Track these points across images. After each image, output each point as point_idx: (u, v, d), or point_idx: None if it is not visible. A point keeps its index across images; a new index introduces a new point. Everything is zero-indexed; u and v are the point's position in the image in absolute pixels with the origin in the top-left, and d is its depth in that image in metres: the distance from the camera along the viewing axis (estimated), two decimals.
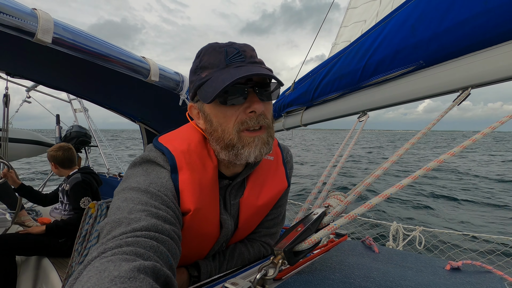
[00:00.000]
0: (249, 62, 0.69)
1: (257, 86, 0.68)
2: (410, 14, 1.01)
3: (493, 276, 0.67)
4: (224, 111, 0.68)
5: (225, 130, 0.69)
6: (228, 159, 0.72)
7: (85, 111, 4.25)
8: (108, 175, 3.62)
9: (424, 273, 0.66)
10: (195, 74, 0.72)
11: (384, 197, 0.66)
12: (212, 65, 0.69)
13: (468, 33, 0.85)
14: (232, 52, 0.68)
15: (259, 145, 0.69)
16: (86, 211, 1.64)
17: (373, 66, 1.16)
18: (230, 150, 0.70)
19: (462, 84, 0.93)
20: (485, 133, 0.72)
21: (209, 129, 0.73)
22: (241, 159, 0.70)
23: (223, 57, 0.68)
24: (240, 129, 0.68)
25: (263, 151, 0.70)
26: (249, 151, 0.69)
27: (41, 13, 1.02)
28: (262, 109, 0.68)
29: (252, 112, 0.68)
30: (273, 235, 0.95)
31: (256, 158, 0.70)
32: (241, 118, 0.68)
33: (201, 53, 0.72)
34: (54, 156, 2.29)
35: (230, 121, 0.68)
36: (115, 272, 0.39)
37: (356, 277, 0.61)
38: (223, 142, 0.70)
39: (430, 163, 0.68)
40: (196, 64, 0.72)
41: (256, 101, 0.68)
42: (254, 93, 0.68)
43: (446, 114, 0.95)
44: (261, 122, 0.69)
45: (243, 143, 0.69)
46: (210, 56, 0.69)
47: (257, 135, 0.70)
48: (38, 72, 1.93)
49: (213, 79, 0.67)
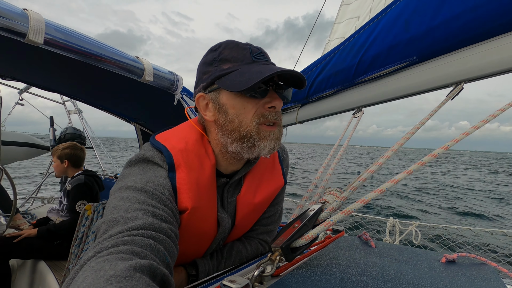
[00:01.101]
0: (270, 62, 0.74)
1: (276, 85, 0.72)
2: (403, 9, 1.01)
3: (487, 268, 0.68)
4: (245, 103, 0.70)
5: (242, 121, 0.71)
6: (239, 151, 0.73)
7: (79, 113, 4.21)
8: (104, 176, 3.59)
9: (420, 266, 0.67)
10: (211, 65, 0.73)
11: (380, 191, 0.66)
12: (235, 59, 0.71)
13: (460, 28, 0.86)
14: (256, 51, 0.72)
15: (274, 140, 0.72)
16: (82, 213, 1.63)
17: (368, 62, 1.16)
18: (244, 142, 0.71)
19: (455, 78, 0.94)
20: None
21: (223, 120, 0.73)
22: (254, 151, 0.72)
23: (248, 53, 0.71)
24: (260, 122, 0.71)
25: (276, 146, 0.73)
26: (265, 144, 0.71)
27: (32, 14, 1.01)
28: (280, 106, 0.72)
29: (272, 107, 0.71)
30: (270, 233, 0.95)
31: (269, 152, 0.72)
32: (260, 111, 0.70)
33: (220, 47, 0.73)
34: (69, 154, 2.27)
35: (249, 113, 0.70)
36: (110, 272, 0.39)
37: (353, 272, 0.61)
38: (238, 133, 0.71)
39: (424, 158, 0.69)
40: (213, 56, 0.73)
41: (277, 97, 0.71)
42: (274, 91, 0.71)
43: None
44: (278, 118, 0.73)
45: (260, 136, 0.71)
46: (232, 50, 0.72)
47: (273, 130, 0.72)
48: (30, 74, 1.91)
49: (242, 70, 0.69)
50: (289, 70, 0.67)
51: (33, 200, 3.91)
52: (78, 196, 2.13)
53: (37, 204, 3.79)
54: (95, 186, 2.28)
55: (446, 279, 0.59)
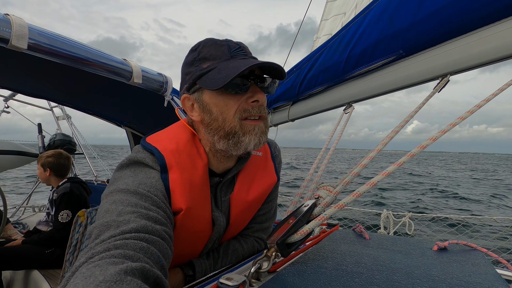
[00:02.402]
0: (250, 56, 0.73)
1: (258, 79, 0.71)
2: (387, 4, 1.03)
3: (477, 253, 0.70)
4: (227, 100, 0.70)
5: (226, 118, 0.71)
6: (226, 148, 0.73)
7: (68, 118, 4.13)
8: (96, 182, 3.54)
9: (413, 255, 0.69)
10: (192, 65, 0.74)
11: (372, 184, 0.67)
12: (214, 57, 0.71)
13: (443, 21, 0.88)
14: (234, 47, 0.72)
15: (259, 134, 0.72)
16: (76, 220, 1.60)
17: (355, 58, 1.17)
18: (230, 139, 0.71)
19: (441, 71, 0.96)
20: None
21: (207, 119, 0.73)
22: (241, 147, 0.72)
23: (226, 49, 0.71)
24: (242, 117, 0.71)
25: (262, 140, 0.73)
26: (250, 139, 0.71)
27: (14, 18, 0.99)
28: (264, 99, 0.72)
29: (254, 101, 0.71)
30: (265, 230, 0.95)
31: (255, 146, 0.72)
32: (243, 106, 0.70)
33: (199, 46, 0.73)
34: (52, 163, 2.20)
35: (232, 109, 0.70)
36: (100, 277, 0.38)
37: (348, 264, 0.62)
38: (223, 131, 0.71)
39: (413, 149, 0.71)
40: (193, 56, 0.74)
41: (259, 91, 0.71)
42: (256, 84, 0.71)
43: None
44: (262, 112, 0.73)
45: (244, 131, 0.71)
46: (211, 48, 0.72)
47: (257, 124, 0.72)
48: (15, 80, 1.86)
49: (220, 67, 0.69)
50: (264, 62, 0.67)
51: (23, 209, 3.83)
52: (64, 205, 2.06)
53: (29, 213, 3.71)
54: (83, 192, 2.23)
55: (438, 266, 0.61)
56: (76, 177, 2.44)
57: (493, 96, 0.79)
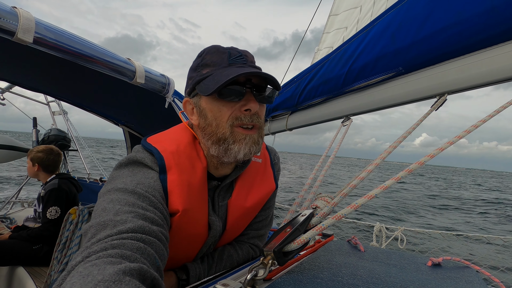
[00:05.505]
0: (250, 65, 0.74)
1: (255, 88, 0.72)
2: (390, 22, 1.06)
3: (471, 271, 0.71)
4: (221, 106, 0.71)
5: (219, 124, 0.72)
6: (217, 154, 0.73)
7: (64, 114, 4.09)
8: (89, 180, 3.49)
9: (408, 269, 0.70)
10: (195, 71, 0.75)
11: (369, 197, 0.68)
12: (214, 64, 0.72)
13: (444, 42, 0.91)
14: (235, 54, 0.73)
15: (249, 143, 0.72)
16: (67, 217, 1.58)
17: (356, 72, 1.20)
18: (221, 145, 0.72)
19: (439, 90, 0.98)
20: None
21: (203, 124, 0.74)
22: (230, 155, 0.72)
23: (226, 57, 0.72)
24: (234, 124, 0.71)
25: (252, 150, 0.73)
26: (239, 147, 0.71)
27: (21, 12, 0.99)
28: (257, 109, 0.72)
29: (247, 110, 0.71)
30: (261, 237, 0.95)
31: (245, 156, 0.72)
32: (236, 113, 0.71)
33: (204, 53, 0.75)
34: (41, 158, 2.17)
35: (225, 116, 0.71)
36: (99, 276, 0.38)
37: (344, 275, 0.63)
38: (215, 136, 0.72)
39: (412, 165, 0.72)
40: (197, 62, 0.76)
41: (253, 100, 0.71)
42: (251, 93, 0.71)
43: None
44: (255, 121, 0.72)
45: (234, 139, 0.71)
46: (213, 55, 0.73)
47: (249, 133, 0.72)
48: (14, 72, 1.85)
49: (215, 74, 0.70)
50: (254, 71, 0.67)
51: (12, 204, 3.75)
52: (52, 202, 2.03)
53: (17, 207, 3.63)
54: (72, 189, 2.19)
55: (433, 282, 0.61)
56: (65, 173, 2.40)
57: (489, 117, 0.81)
